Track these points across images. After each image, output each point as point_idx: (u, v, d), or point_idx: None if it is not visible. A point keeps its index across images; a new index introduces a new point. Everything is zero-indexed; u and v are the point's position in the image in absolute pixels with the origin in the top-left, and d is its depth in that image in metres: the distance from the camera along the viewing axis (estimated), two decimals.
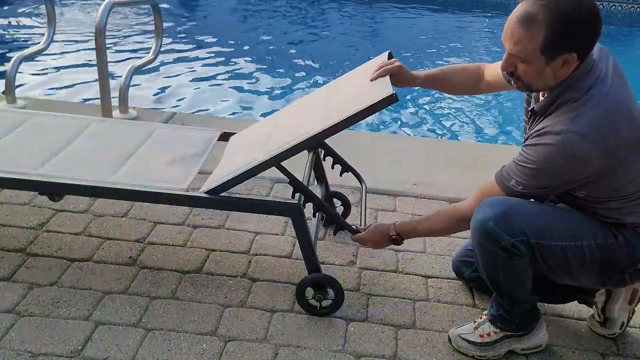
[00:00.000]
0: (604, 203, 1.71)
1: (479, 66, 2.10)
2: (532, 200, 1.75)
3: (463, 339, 1.93)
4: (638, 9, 10.99)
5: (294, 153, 1.93)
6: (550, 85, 1.66)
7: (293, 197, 2.01)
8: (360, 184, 2.42)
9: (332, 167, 2.40)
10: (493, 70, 2.04)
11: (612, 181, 1.66)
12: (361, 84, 2.05)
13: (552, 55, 1.59)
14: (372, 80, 2.00)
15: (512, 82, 1.73)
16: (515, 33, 1.59)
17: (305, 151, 2.39)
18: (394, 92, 1.83)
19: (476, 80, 2.09)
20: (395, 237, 1.99)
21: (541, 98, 1.74)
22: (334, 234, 2.15)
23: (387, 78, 1.98)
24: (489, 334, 1.91)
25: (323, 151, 2.38)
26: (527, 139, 1.70)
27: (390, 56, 2.16)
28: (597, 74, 1.63)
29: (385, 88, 1.90)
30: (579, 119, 1.58)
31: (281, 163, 1.96)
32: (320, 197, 2.28)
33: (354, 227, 2.10)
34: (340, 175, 2.43)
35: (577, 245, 1.70)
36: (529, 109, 1.77)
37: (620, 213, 1.71)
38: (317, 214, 2.22)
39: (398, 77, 2.04)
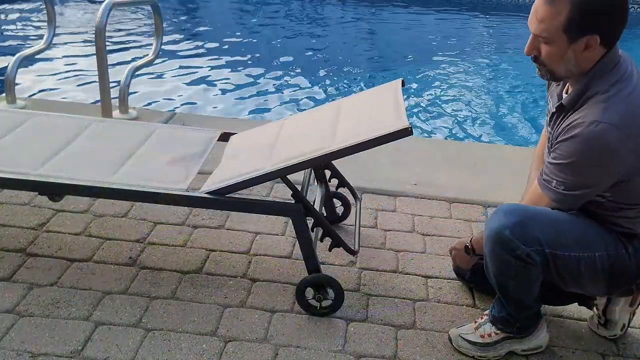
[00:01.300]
0: (622, 211, 1.70)
1: (538, 154, 2.04)
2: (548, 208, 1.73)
3: (463, 339, 1.93)
4: (638, 9, 10.98)
5: (301, 169, 1.96)
6: (573, 71, 1.65)
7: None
8: (355, 200, 2.43)
9: (329, 180, 2.41)
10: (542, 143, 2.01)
11: (637, 185, 1.65)
12: (374, 110, 2.05)
13: (575, 35, 1.58)
14: None
15: (537, 68, 1.71)
16: (540, 10, 1.60)
17: None
18: (409, 125, 1.83)
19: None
20: (469, 247, 2.05)
21: (564, 95, 1.73)
22: (329, 250, 2.14)
23: (403, 109, 1.97)
24: (489, 335, 1.91)
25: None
26: (557, 137, 1.68)
27: (403, 84, 2.17)
28: (622, 70, 1.63)
29: (400, 119, 1.90)
30: (609, 111, 1.57)
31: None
32: (320, 197, 2.29)
33: (351, 246, 2.11)
34: (337, 189, 2.45)
35: (590, 256, 1.70)
36: (554, 107, 1.74)
37: (632, 222, 1.71)
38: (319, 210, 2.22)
39: None
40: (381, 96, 2.11)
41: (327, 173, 2.41)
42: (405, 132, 1.83)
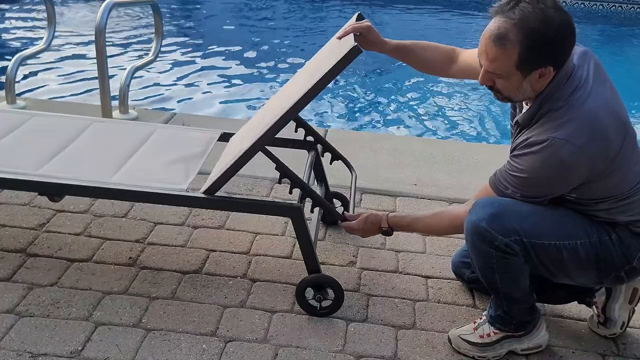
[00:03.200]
0: (594, 205, 1.72)
1: (454, 49, 2.07)
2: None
3: (463, 339, 1.93)
4: (638, 9, 10.99)
5: (274, 132, 1.91)
6: (530, 96, 1.69)
7: (290, 192, 2.00)
8: (350, 172, 2.43)
9: (322, 155, 2.40)
10: (468, 56, 2.02)
11: (604, 183, 1.67)
12: (330, 50, 2.03)
13: (528, 70, 1.61)
14: (339, 37, 1.96)
15: (493, 94, 1.74)
16: (489, 52, 1.62)
17: (305, 151, 2.40)
18: (356, 44, 1.81)
19: (448, 62, 2.06)
20: (386, 229, 2.01)
21: (525, 107, 1.75)
22: (321, 219, 2.11)
23: (351, 35, 1.93)
24: (488, 335, 1.91)
25: (313, 139, 2.38)
26: (514, 149, 1.72)
27: (360, 17, 2.12)
28: (576, 81, 1.64)
29: (348, 44, 1.86)
30: (562, 127, 1.60)
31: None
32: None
33: (342, 214, 2.11)
34: (330, 163, 2.42)
35: (572, 244, 1.71)
36: (513, 120, 1.79)
37: (611, 213, 1.72)
38: (318, 215, 2.22)
39: (366, 39, 2.00)
40: (339, 37, 2.08)
41: (329, 157, 2.39)
42: (354, 52, 1.79)
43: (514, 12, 1.57)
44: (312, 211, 2.07)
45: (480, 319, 1.96)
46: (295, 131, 2.39)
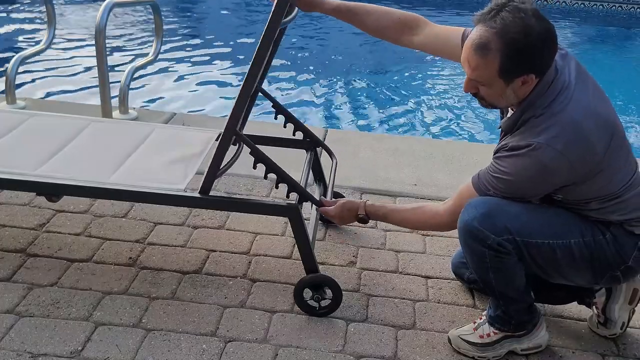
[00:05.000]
0: (584, 205, 1.72)
1: (417, 19, 1.97)
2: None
3: (463, 339, 1.93)
4: (638, 9, 10.99)
5: (239, 111, 1.92)
6: (513, 102, 1.70)
7: (265, 177, 2.00)
8: (331, 158, 2.44)
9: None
10: (439, 32, 1.94)
11: (589, 185, 1.67)
12: None
13: (510, 78, 1.62)
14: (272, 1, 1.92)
15: (478, 101, 1.75)
16: (471, 60, 1.63)
17: (304, 151, 2.40)
18: None
19: (403, 31, 1.97)
20: (362, 216, 2.01)
21: (510, 112, 1.76)
22: (319, 219, 2.08)
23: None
24: (488, 335, 1.91)
25: (293, 126, 2.40)
26: (496, 151, 1.73)
27: None
28: (559, 86, 1.65)
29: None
30: (543, 133, 1.61)
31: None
32: (318, 197, 2.29)
33: (320, 199, 2.12)
34: (294, 133, 2.45)
35: (565, 243, 1.71)
36: (499, 124, 1.81)
37: (602, 213, 1.73)
38: (317, 215, 2.22)
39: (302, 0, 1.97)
40: None
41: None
42: (281, 2, 1.79)
43: (495, 22, 1.58)
44: (287, 196, 2.04)
45: (480, 319, 1.96)
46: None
